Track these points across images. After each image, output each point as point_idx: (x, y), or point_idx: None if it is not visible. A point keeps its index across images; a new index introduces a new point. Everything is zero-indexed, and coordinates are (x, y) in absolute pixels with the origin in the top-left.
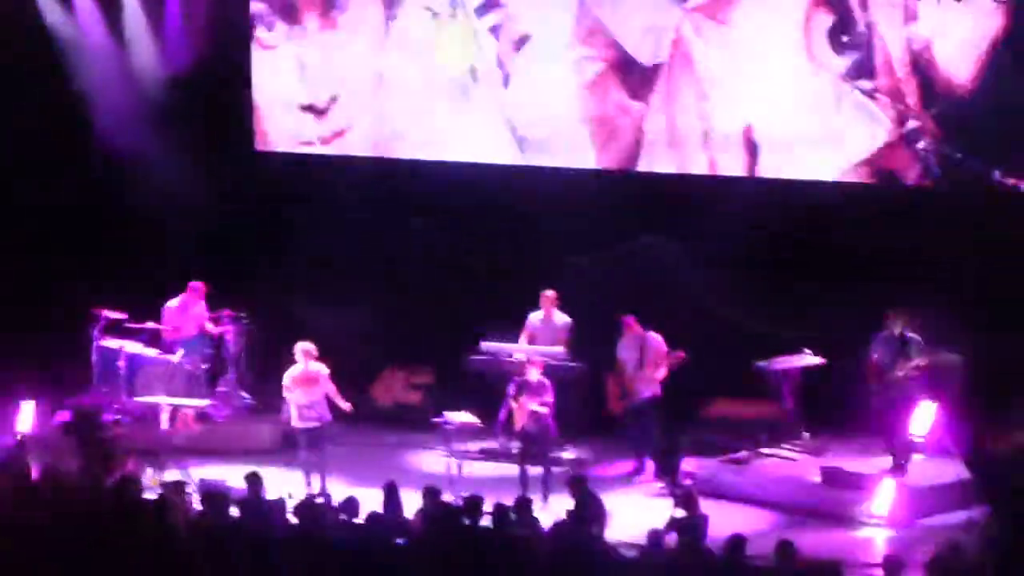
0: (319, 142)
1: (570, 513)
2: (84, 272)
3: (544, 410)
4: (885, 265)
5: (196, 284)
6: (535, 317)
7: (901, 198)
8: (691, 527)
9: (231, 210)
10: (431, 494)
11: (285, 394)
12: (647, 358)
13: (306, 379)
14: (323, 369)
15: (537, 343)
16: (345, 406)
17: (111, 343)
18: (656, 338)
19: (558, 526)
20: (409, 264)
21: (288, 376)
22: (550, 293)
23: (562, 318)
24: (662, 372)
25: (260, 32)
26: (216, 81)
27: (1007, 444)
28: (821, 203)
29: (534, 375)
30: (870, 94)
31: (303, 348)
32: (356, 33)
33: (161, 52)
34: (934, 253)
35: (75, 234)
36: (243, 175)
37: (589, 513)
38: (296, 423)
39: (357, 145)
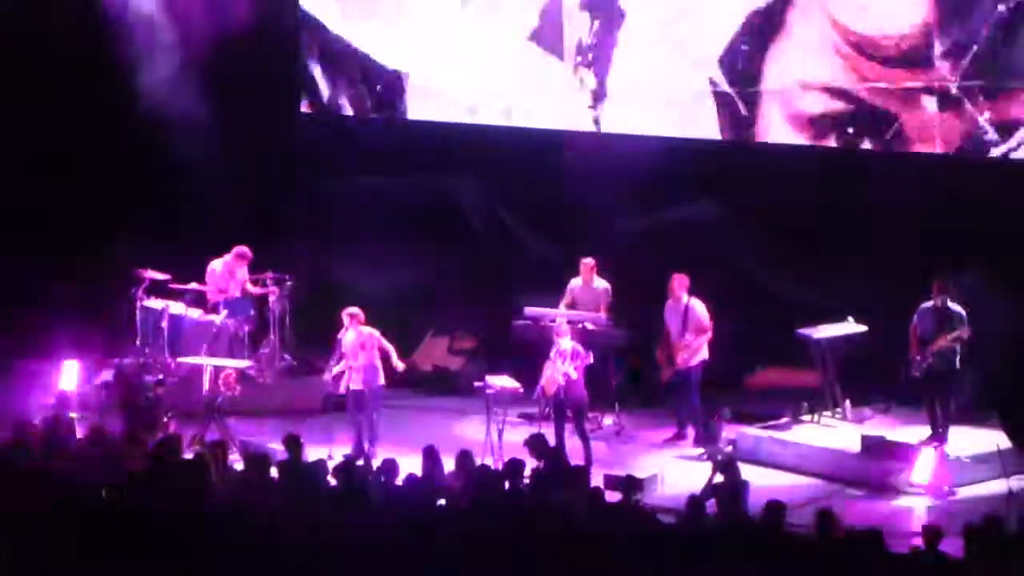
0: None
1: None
2: (128, 232)
3: (575, 375)
4: (933, 234)
5: (242, 249)
6: (575, 283)
7: (947, 168)
8: (732, 493)
9: (275, 172)
10: (464, 457)
11: (334, 366)
12: (690, 325)
13: (354, 344)
14: (374, 332)
15: (577, 309)
16: (399, 365)
17: (154, 303)
18: (699, 305)
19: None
20: (452, 229)
21: (339, 341)
22: (589, 260)
23: (602, 284)
24: (704, 339)
25: None
26: (264, 43)
27: None
28: (870, 171)
29: (566, 343)
30: None
31: (350, 313)
32: None
33: (208, 13)
34: (983, 224)
35: (120, 194)
36: (288, 137)
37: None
38: (344, 386)
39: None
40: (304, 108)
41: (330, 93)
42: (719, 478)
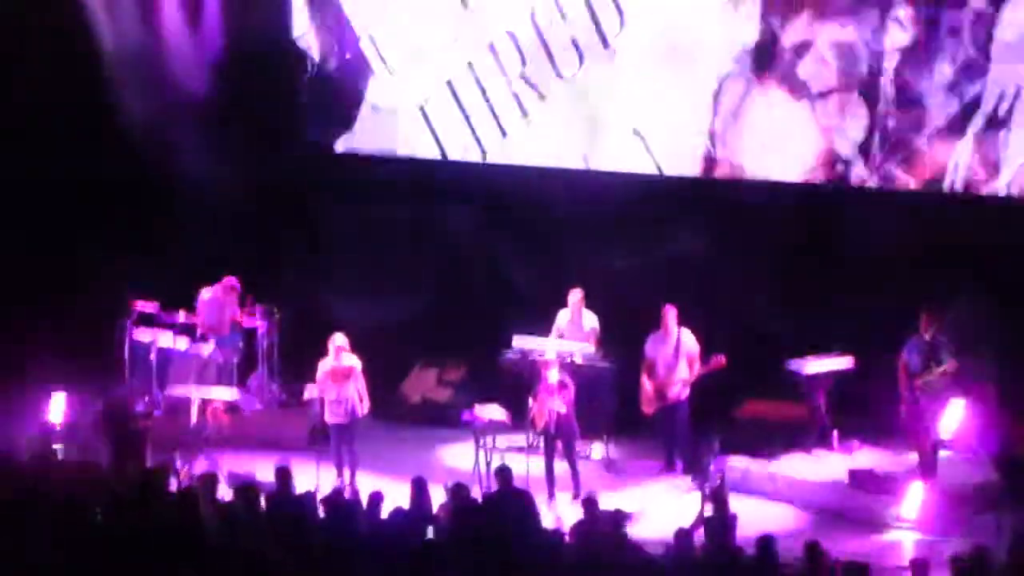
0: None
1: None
2: (117, 263)
3: (563, 409)
4: (920, 267)
5: (232, 281)
6: (563, 316)
7: (936, 201)
8: (720, 525)
9: (265, 202)
10: (457, 490)
11: (313, 389)
12: (680, 356)
13: (337, 374)
14: (356, 364)
15: (566, 340)
16: (365, 408)
17: (143, 335)
18: (690, 336)
19: (579, 524)
20: (442, 260)
21: (320, 370)
22: (578, 292)
23: (590, 317)
24: (696, 371)
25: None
26: (259, 73)
27: None
28: (858, 205)
29: (553, 376)
30: None
31: (335, 343)
32: None
33: (201, 42)
34: (969, 255)
35: (108, 223)
36: (278, 167)
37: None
38: (327, 418)
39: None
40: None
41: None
42: (708, 510)
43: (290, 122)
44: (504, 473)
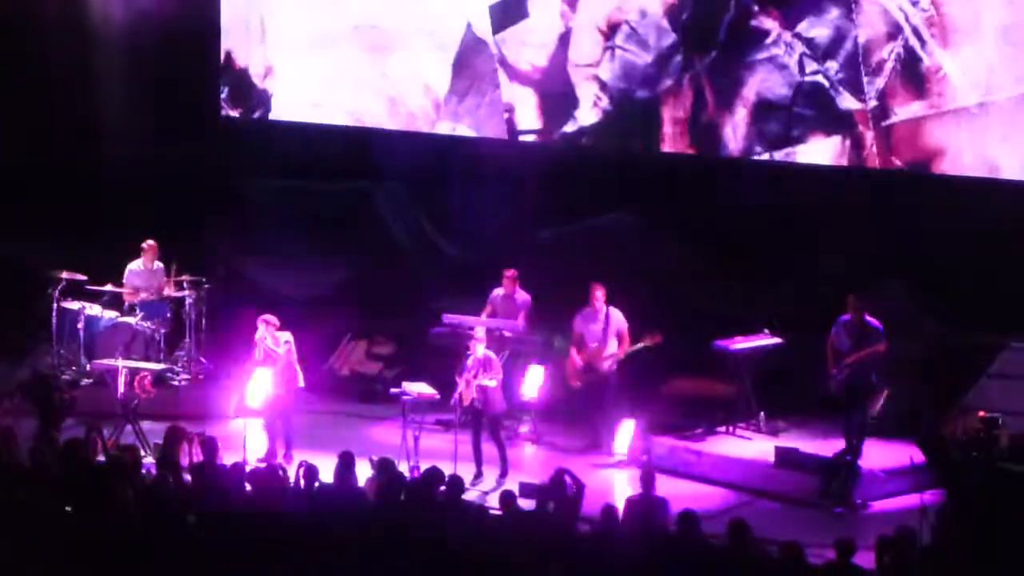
0: None
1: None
2: (45, 232)
3: (492, 384)
4: (848, 248)
5: (150, 243)
6: (497, 294)
7: (865, 181)
8: (647, 503)
9: (194, 174)
10: (383, 465)
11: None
12: (610, 332)
13: (268, 349)
14: (287, 339)
15: (498, 318)
16: (300, 381)
17: (71, 305)
18: (618, 313)
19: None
20: (373, 234)
21: (256, 348)
22: (511, 272)
23: (523, 295)
24: (625, 348)
25: None
26: (185, 44)
27: (961, 428)
28: (789, 183)
29: (480, 351)
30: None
31: (265, 319)
32: None
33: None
34: (896, 239)
35: (37, 193)
36: (208, 139)
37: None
38: (262, 393)
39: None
40: (223, 110)
41: None
42: (636, 489)
43: (213, 93)
44: (385, 465)
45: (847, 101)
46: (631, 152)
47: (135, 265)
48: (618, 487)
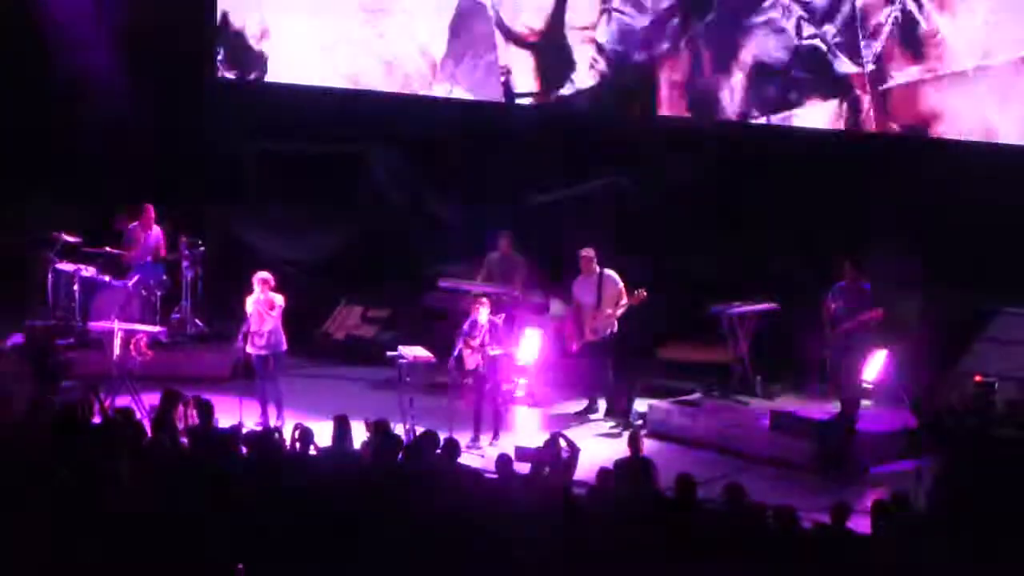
0: None
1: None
2: (41, 194)
3: (497, 351)
4: (845, 212)
5: (147, 205)
6: (492, 256)
7: (862, 145)
8: (640, 466)
9: (189, 136)
10: (379, 426)
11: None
12: (604, 296)
13: (260, 308)
14: (279, 300)
15: (493, 282)
16: (283, 346)
17: (67, 266)
18: (613, 276)
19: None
20: (366, 197)
21: (247, 304)
22: (506, 234)
23: (518, 258)
24: (620, 310)
25: None
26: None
27: (956, 394)
28: (788, 149)
29: (483, 315)
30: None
31: (260, 277)
32: None
33: None
34: (895, 203)
35: (33, 156)
36: (202, 101)
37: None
38: (249, 350)
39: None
40: (219, 72)
41: None
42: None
43: (209, 55)
44: (381, 427)
45: (844, 65)
46: (628, 115)
47: (131, 227)
48: (613, 451)
